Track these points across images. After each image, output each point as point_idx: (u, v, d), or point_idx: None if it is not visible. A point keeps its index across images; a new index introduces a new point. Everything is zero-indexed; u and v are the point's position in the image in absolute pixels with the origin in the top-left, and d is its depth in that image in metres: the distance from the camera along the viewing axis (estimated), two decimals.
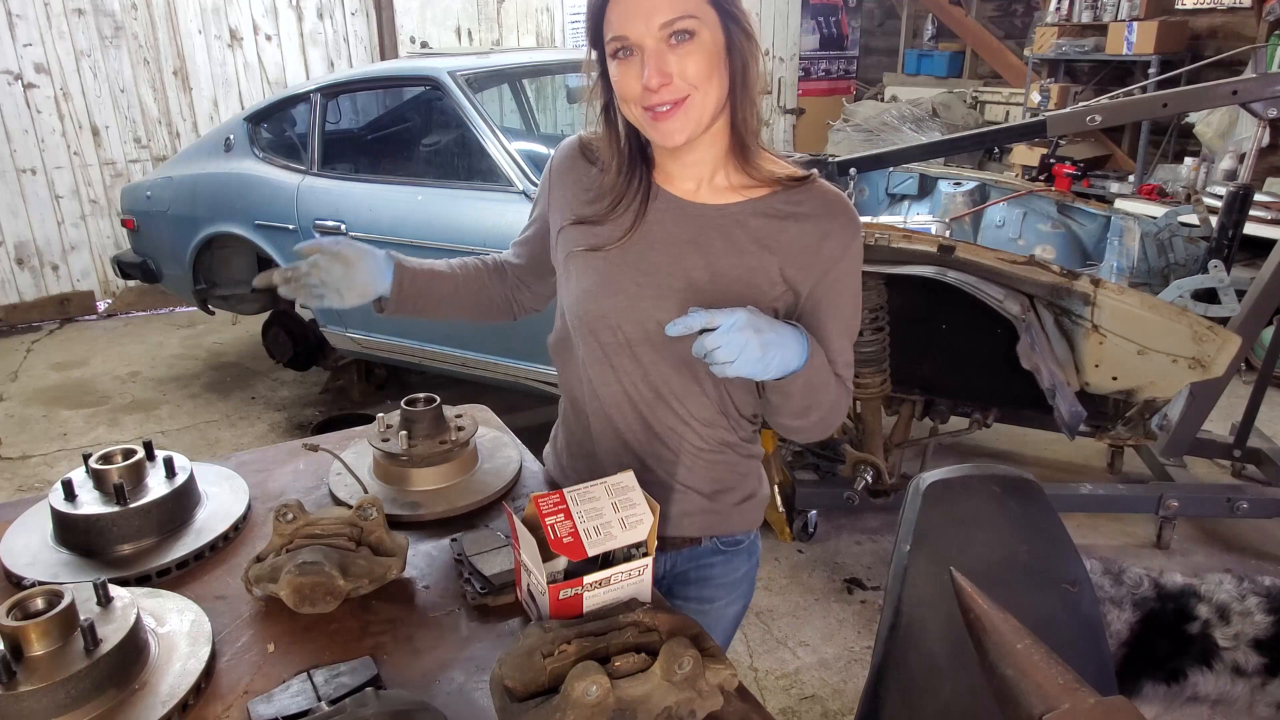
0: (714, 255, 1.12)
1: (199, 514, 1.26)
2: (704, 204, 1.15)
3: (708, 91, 1.04)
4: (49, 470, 3.60)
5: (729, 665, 0.89)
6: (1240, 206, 2.89)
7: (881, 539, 3.06)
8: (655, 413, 1.19)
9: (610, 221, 1.16)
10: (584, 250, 1.17)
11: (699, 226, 1.14)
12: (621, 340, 1.16)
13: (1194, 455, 3.25)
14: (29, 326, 5.33)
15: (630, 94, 1.05)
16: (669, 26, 1.00)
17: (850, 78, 8.20)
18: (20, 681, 0.86)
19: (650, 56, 1.01)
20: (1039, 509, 1.18)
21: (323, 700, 0.90)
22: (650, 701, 0.84)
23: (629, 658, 0.86)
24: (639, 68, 1.02)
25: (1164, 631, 1.46)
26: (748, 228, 1.13)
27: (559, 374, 1.30)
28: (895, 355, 2.69)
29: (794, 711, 2.30)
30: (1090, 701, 0.70)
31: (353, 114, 4.17)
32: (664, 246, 1.14)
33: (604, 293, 1.15)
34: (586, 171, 1.21)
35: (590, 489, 1.01)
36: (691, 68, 1.02)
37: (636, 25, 1.01)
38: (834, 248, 1.12)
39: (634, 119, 1.09)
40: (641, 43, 1.01)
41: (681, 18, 1.00)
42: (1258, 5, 5.30)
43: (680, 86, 1.02)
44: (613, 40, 1.04)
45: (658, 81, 1.01)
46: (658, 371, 1.16)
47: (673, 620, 0.93)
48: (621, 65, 1.04)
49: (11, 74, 4.97)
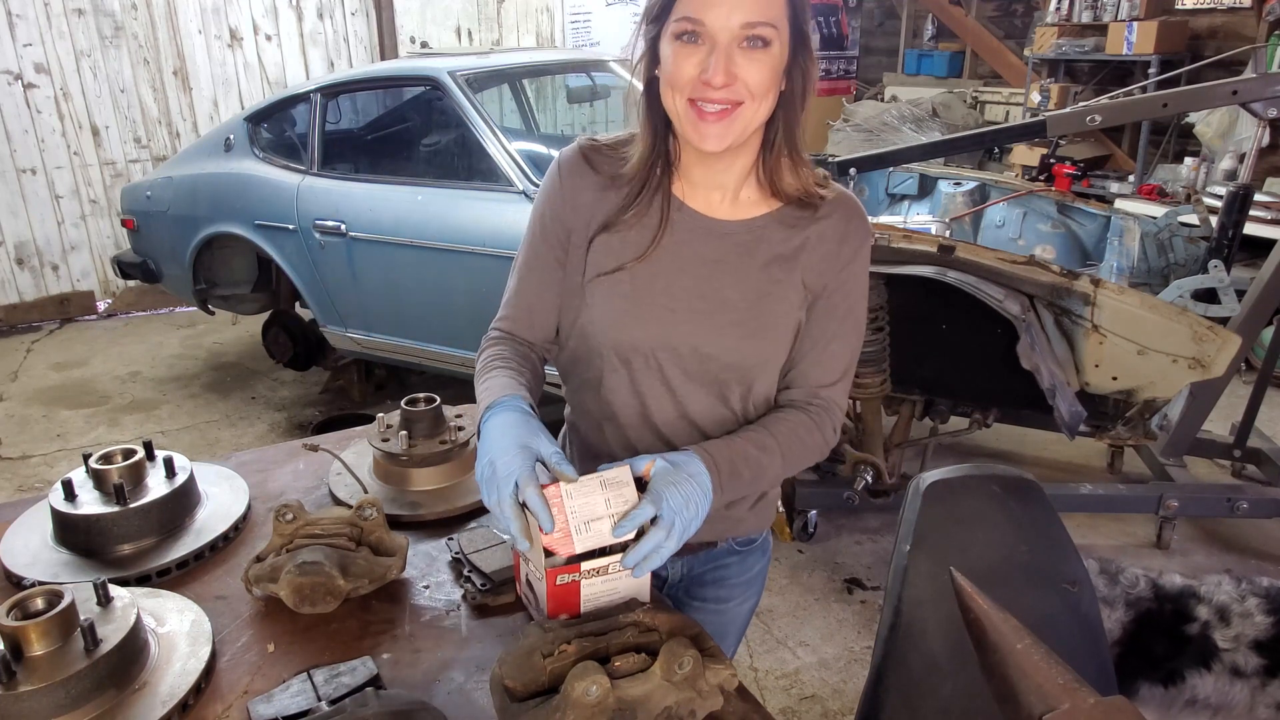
0: (743, 274, 1.10)
1: (199, 514, 1.26)
2: (729, 220, 1.11)
3: (760, 104, 1.00)
4: (49, 470, 3.60)
5: (729, 665, 0.89)
6: (1240, 206, 2.89)
7: (881, 539, 3.06)
8: (676, 431, 1.16)
9: (629, 228, 1.10)
10: (610, 272, 1.11)
11: (727, 245, 1.11)
12: (654, 366, 1.12)
13: (1194, 455, 3.25)
14: (29, 326, 5.33)
15: (682, 80, 0.99)
16: (749, 28, 0.96)
17: (850, 78, 8.20)
18: (20, 681, 0.86)
19: (720, 52, 0.96)
20: (1039, 509, 1.18)
21: (323, 700, 0.90)
22: (650, 701, 0.84)
23: (629, 658, 0.86)
24: (703, 57, 0.97)
25: (1162, 632, 1.46)
26: (772, 241, 1.11)
27: (568, 392, 1.25)
28: (895, 355, 2.69)
29: (794, 711, 2.30)
30: (1090, 701, 0.70)
31: (353, 114, 4.17)
32: (693, 268, 1.10)
33: (634, 320, 1.11)
34: (595, 180, 1.13)
35: (585, 484, 1.01)
36: (755, 75, 0.98)
37: (717, 15, 0.95)
38: (850, 250, 1.12)
39: (675, 110, 1.02)
40: (715, 35, 0.96)
41: (763, 23, 0.96)
42: (1258, 5, 5.30)
43: (739, 90, 0.98)
44: (684, 20, 0.97)
45: (721, 80, 0.96)
46: (686, 393, 1.13)
47: (672, 620, 0.92)
48: (683, 48, 0.98)
49: (11, 74, 4.97)
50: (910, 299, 2.62)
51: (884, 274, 2.51)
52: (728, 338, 1.10)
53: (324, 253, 3.52)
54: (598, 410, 1.19)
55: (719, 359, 1.11)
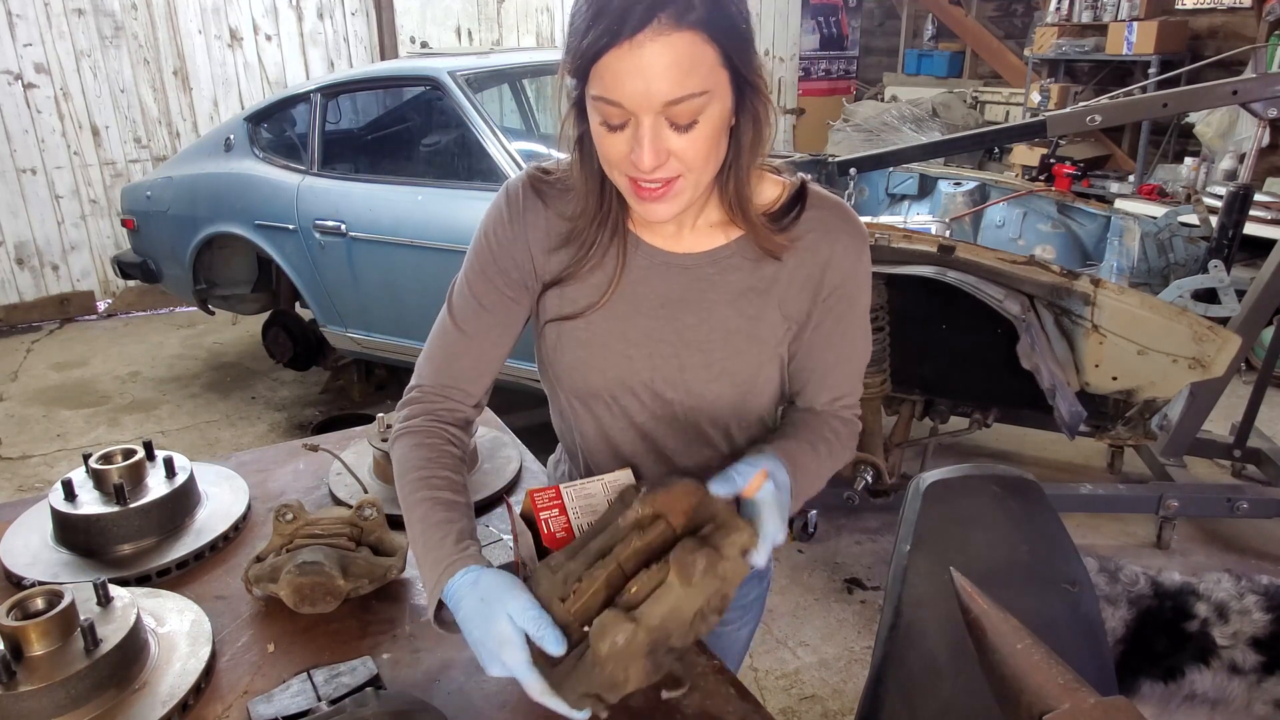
0: (707, 311, 1.02)
1: (199, 514, 1.26)
2: (689, 253, 1.02)
3: (704, 172, 0.91)
4: (49, 470, 3.60)
5: (743, 526, 0.84)
6: (1240, 206, 2.88)
7: (881, 539, 3.06)
8: (651, 470, 1.10)
9: (584, 278, 1.02)
10: (567, 318, 1.03)
11: (688, 280, 1.02)
12: (617, 411, 1.07)
13: (1194, 455, 3.25)
14: (29, 326, 5.33)
15: (614, 159, 0.89)
16: (674, 104, 0.83)
17: (850, 78, 8.20)
18: (20, 681, 0.86)
19: (645, 132, 0.84)
20: (1039, 509, 1.18)
21: (323, 700, 0.90)
22: (679, 614, 0.80)
23: (642, 578, 0.81)
24: (629, 138, 0.86)
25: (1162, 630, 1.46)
26: (741, 271, 1.01)
27: (553, 420, 1.19)
28: (895, 355, 2.69)
29: (794, 711, 2.30)
30: (1090, 701, 0.70)
31: (353, 114, 4.16)
32: (651, 309, 1.02)
33: (591, 368, 1.04)
34: (545, 214, 1.03)
35: (587, 485, 1.01)
36: (690, 151, 0.87)
37: (633, 91, 0.82)
38: (836, 272, 1.02)
39: (619, 186, 0.94)
40: (638, 114, 0.84)
41: (690, 96, 0.83)
42: (1258, 5, 5.30)
43: (674, 165, 0.87)
44: (601, 101, 0.85)
45: (651, 163, 0.86)
46: (659, 435, 1.08)
47: (669, 497, 0.87)
48: (608, 134, 0.87)
49: (11, 74, 4.97)
50: (910, 299, 2.63)
51: (884, 274, 2.52)
52: (692, 380, 1.03)
53: (324, 253, 3.52)
54: (570, 442, 1.17)
55: (682, 402, 1.05)
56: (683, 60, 0.82)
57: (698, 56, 0.82)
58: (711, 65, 0.84)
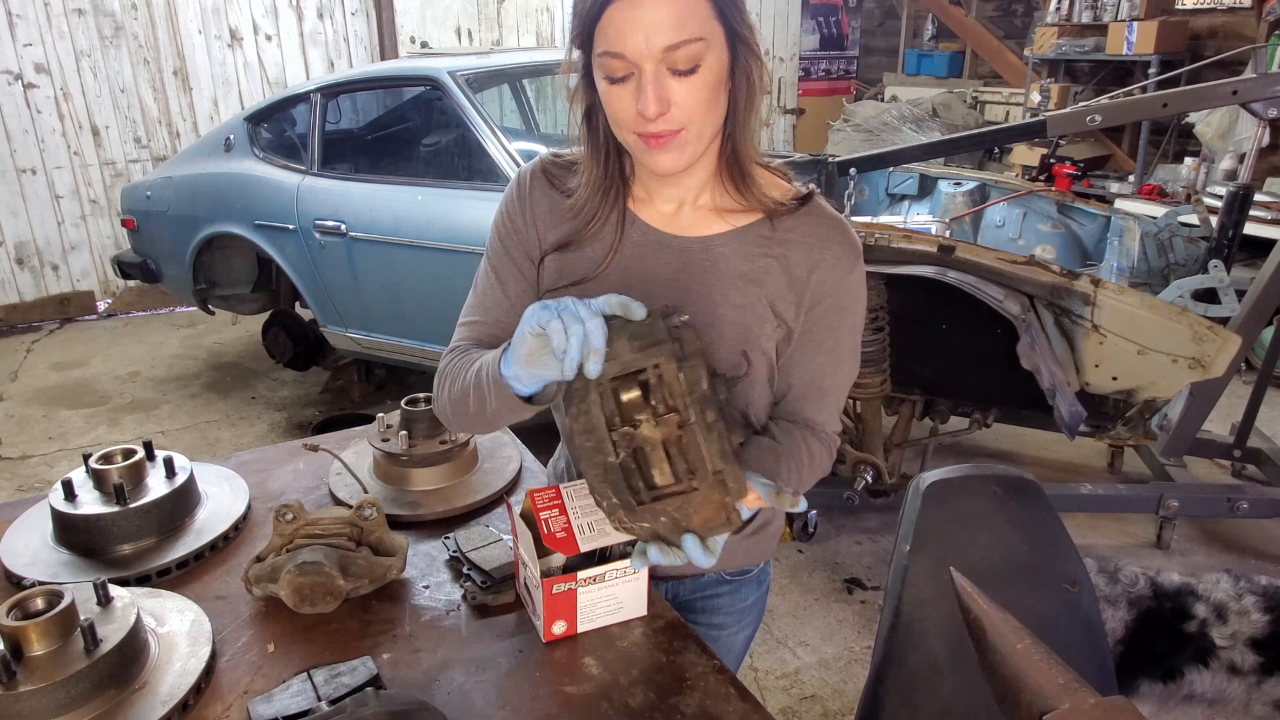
0: (698, 294, 1.04)
1: (199, 514, 1.26)
2: (685, 236, 1.06)
3: (706, 122, 0.95)
4: (49, 470, 3.60)
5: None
6: (1240, 206, 2.88)
7: (881, 539, 3.06)
8: None
9: (583, 248, 1.07)
10: (561, 288, 1.07)
11: (681, 262, 1.05)
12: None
13: (1194, 455, 3.25)
14: (29, 326, 5.33)
15: (623, 119, 0.95)
16: (673, 50, 0.89)
17: (850, 78, 8.20)
18: (20, 681, 0.86)
19: (649, 80, 0.90)
20: (1039, 509, 1.18)
21: (323, 700, 0.90)
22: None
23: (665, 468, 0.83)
24: (634, 91, 0.92)
25: (1161, 630, 1.46)
26: (733, 261, 1.04)
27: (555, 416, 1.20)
28: (895, 355, 2.69)
29: (794, 711, 2.30)
30: (1090, 701, 0.70)
31: (353, 114, 4.17)
32: (643, 286, 1.04)
33: None
34: (551, 194, 1.09)
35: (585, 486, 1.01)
36: (691, 99, 0.92)
37: (635, 42, 0.88)
38: (823, 280, 1.04)
39: (628, 144, 0.99)
40: (640, 63, 0.90)
41: (688, 41, 0.89)
42: (1258, 5, 5.30)
43: (677, 116, 0.92)
44: (607, 56, 0.91)
45: (655, 110, 0.91)
46: None
47: None
48: (615, 89, 0.93)
49: (11, 74, 4.97)
50: (910, 299, 2.62)
51: (884, 274, 2.51)
52: None
53: (324, 253, 3.52)
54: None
55: None
56: (679, 9, 0.89)
57: (692, 6, 0.90)
58: (706, 16, 0.91)
